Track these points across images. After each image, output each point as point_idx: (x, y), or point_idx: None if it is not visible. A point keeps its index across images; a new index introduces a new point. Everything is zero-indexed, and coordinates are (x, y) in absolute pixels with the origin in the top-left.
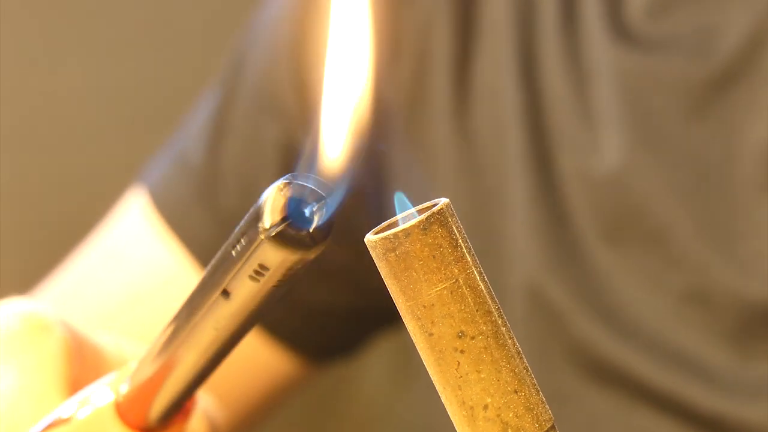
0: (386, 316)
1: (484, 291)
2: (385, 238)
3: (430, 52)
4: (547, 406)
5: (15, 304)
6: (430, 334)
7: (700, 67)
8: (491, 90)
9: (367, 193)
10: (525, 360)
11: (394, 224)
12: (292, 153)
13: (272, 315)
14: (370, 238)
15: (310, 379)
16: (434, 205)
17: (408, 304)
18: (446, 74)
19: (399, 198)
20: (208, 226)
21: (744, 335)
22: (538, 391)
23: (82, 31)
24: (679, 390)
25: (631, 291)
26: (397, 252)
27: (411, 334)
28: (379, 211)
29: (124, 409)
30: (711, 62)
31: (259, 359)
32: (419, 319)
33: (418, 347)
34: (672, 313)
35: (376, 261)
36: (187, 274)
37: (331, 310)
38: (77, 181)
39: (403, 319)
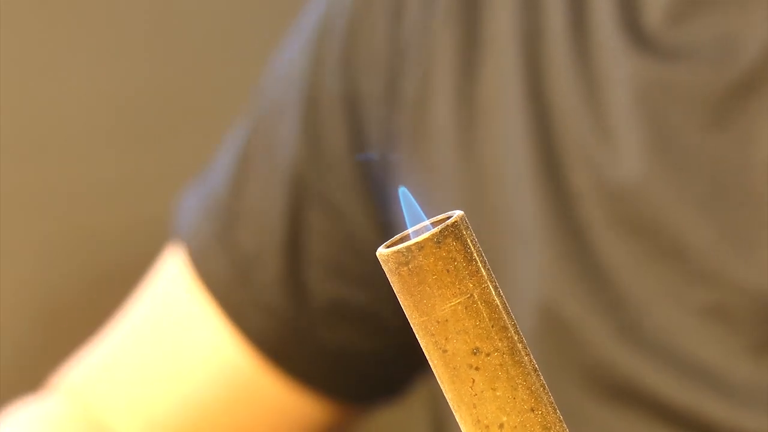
0: (416, 358)
1: (500, 306)
2: (398, 251)
3: (434, 65)
4: (564, 425)
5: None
6: (444, 351)
7: (720, 76)
8: (497, 103)
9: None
10: (542, 377)
11: (407, 238)
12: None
13: (301, 360)
14: (381, 251)
15: (350, 423)
16: (448, 218)
17: (421, 319)
18: (450, 87)
19: (404, 194)
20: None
21: (765, 348)
22: (555, 410)
23: (87, 35)
24: (699, 406)
25: (650, 305)
26: (410, 266)
27: (425, 351)
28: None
29: None
30: (731, 71)
31: (292, 406)
32: (433, 335)
33: (431, 364)
34: (692, 327)
35: (388, 275)
36: (235, 354)
37: (359, 353)
38: (81, 191)
39: (417, 336)
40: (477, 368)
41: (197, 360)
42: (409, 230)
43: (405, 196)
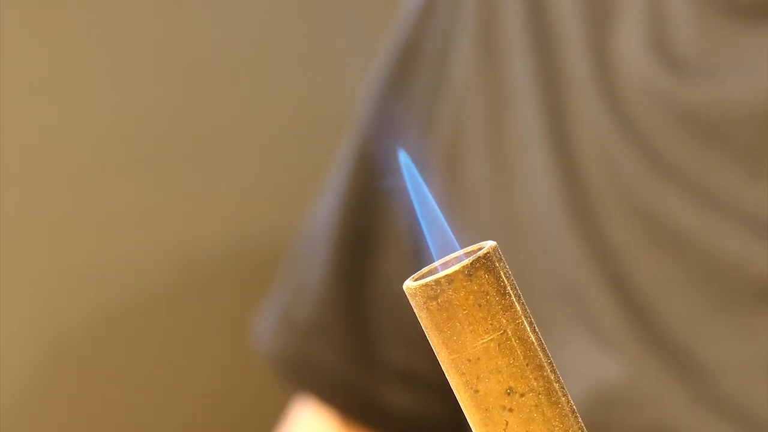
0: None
1: (535, 343)
2: (426, 284)
3: (465, 122)
4: None
5: None
6: (476, 391)
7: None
8: (525, 154)
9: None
10: (580, 420)
11: (435, 271)
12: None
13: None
14: (409, 284)
15: None
16: (480, 249)
17: (451, 357)
18: (481, 146)
19: (403, 157)
20: None
21: None
22: None
23: (95, 61)
24: None
25: (725, 371)
26: (439, 300)
27: (455, 391)
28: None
29: None
30: None
31: None
32: (464, 374)
33: (462, 405)
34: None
35: (415, 310)
36: None
37: (419, 417)
38: (85, 224)
39: (446, 375)
40: (511, 410)
41: None
42: (437, 263)
43: (428, 218)
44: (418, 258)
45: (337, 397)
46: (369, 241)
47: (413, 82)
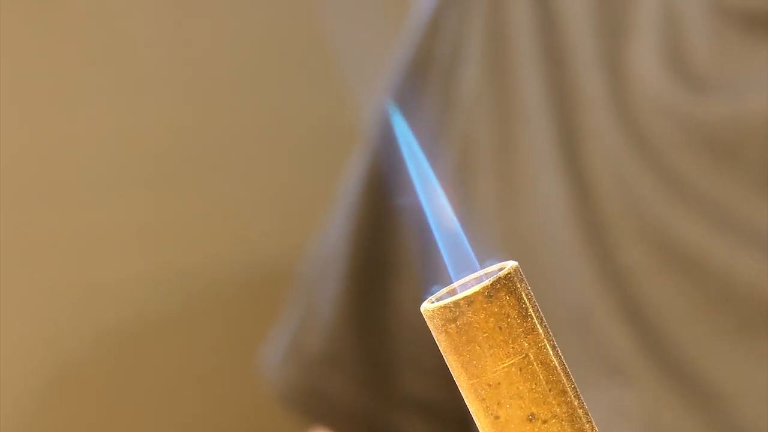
0: None
1: (558, 367)
2: (445, 306)
3: (474, 140)
4: None
5: None
6: (497, 417)
7: None
8: (535, 175)
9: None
10: None
11: (454, 292)
12: None
13: None
14: (426, 306)
15: None
16: (501, 269)
17: (471, 382)
18: (490, 164)
19: (396, 118)
20: None
21: None
22: None
23: (100, 82)
24: None
25: (743, 404)
26: (458, 323)
27: (474, 417)
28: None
29: None
30: None
31: None
32: (484, 399)
33: (483, 430)
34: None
35: (434, 333)
36: None
37: None
38: (86, 243)
39: (465, 400)
40: None
41: None
42: (456, 284)
43: (446, 233)
44: (433, 282)
45: (353, 429)
46: (383, 265)
47: (422, 98)
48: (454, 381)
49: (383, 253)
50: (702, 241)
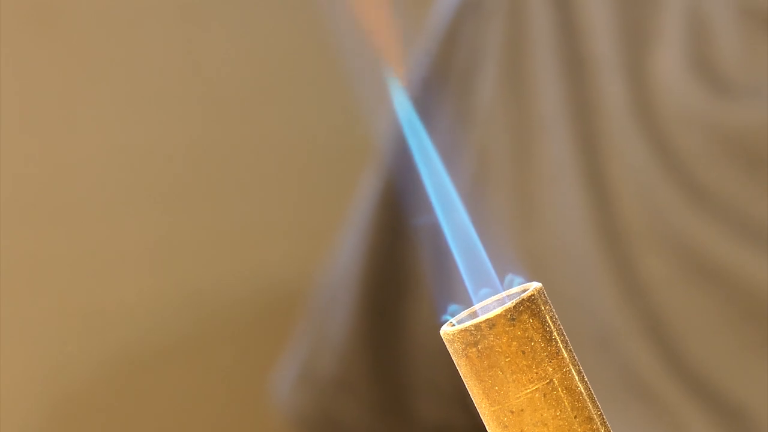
0: None
1: (584, 393)
2: (465, 330)
3: (491, 151)
4: None
5: None
6: None
7: None
8: (554, 194)
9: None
10: None
11: (473, 315)
12: None
13: None
14: (446, 330)
15: None
16: (524, 290)
17: (492, 409)
18: (506, 176)
19: (412, 129)
20: None
21: None
22: None
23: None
24: None
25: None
26: (480, 347)
27: None
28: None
29: None
30: None
31: None
32: (506, 427)
33: None
34: None
35: (454, 357)
36: None
37: None
38: (89, 261)
39: (486, 427)
40: None
41: None
42: (477, 306)
43: (464, 247)
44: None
45: None
46: (396, 286)
47: (438, 108)
48: (472, 406)
49: (397, 274)
50: (727, 252)
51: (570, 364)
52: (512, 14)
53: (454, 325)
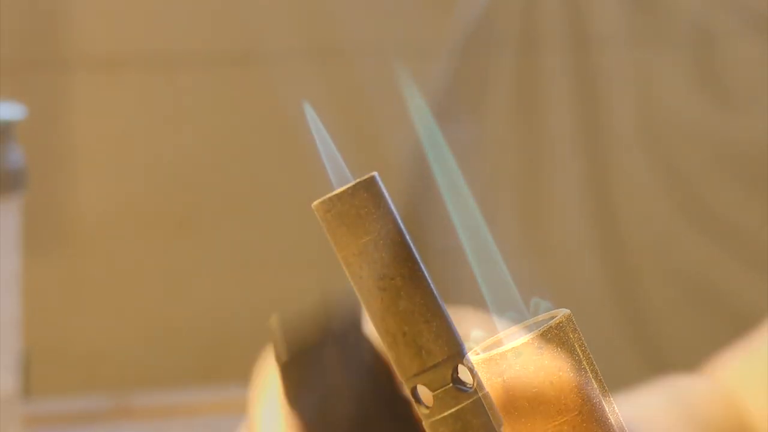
0: None
1: (614, 426)
2: (491, 358)
3: (500, 177)
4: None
5: None
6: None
7: None
8: (561, 211)
9: None
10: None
11: (498, 344)
12: None
13: None
14: (471, 358)
15: None
16: (552, 318)
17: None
18: (515, 205)
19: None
20: None
21: None
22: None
23: None
24: None
25: None
26: (506, 377)
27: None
28: None
29: None
30: None
31: None
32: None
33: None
34: None
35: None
36: None
37: None
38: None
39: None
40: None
41: None
42: (502, 333)
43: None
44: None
45: None
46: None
47: (449, 131)
48: None
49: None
50: (732, 277)
51: (600, 395)
52: (522, 43)
53: (479, 353)
